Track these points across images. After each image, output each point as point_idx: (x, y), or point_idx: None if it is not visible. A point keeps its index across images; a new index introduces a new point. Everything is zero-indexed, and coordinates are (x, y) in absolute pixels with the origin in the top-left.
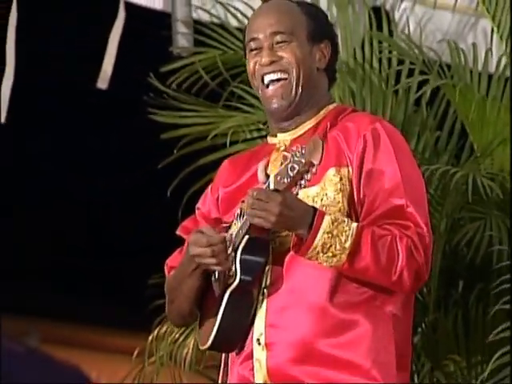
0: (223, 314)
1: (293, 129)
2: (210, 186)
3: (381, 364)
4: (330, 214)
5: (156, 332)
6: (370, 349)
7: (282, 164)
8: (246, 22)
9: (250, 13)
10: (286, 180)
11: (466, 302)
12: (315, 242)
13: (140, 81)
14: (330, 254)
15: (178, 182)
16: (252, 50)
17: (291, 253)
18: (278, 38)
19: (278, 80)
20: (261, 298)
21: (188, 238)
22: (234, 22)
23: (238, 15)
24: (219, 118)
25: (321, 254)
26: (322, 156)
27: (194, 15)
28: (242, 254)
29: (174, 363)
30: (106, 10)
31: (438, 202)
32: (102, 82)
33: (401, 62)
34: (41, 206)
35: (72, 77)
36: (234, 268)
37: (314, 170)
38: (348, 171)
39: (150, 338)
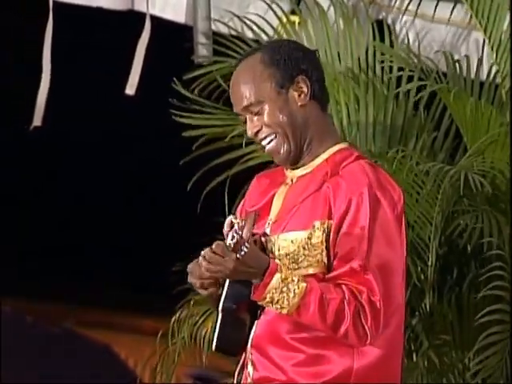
0: (219, 331)
1: (303, 166)
2: (244, 199)
3: None
4: (281, 272)
5: (178, 315)
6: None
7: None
8: (261, 33)
9: (264, 25)
10: (232, 244)
11: (460, 287)
12: (264, 295)
13: (165, 86)
14: (279, 307)
15: (197, 177)
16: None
17: None
18: (252, 108)
19: (270, 141)
20: (256, 320)
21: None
22: (249, 34)
23: (254, 27)
24: (236, 120)
25: (271, 305)
26: (252, 228)
27: (214, 28)
28: (229, 283)
29: (195, 344)
30: (133, 23)
31: (435, 197)
32: (130, 89)
33: (401, 70)
34: (76, 202)
35: (103, 83)
36: (222, 295)
37: (247, 244)
38: (330, 225)
39: (173, 320)
